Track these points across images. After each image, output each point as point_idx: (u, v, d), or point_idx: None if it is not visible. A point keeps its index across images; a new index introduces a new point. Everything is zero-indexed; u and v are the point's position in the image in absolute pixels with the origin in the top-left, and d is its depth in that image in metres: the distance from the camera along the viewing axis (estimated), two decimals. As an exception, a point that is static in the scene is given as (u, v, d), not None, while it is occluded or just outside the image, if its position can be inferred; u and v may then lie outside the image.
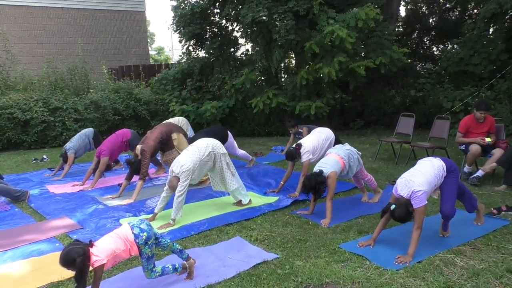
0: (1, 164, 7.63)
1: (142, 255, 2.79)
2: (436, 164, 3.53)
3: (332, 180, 4.17)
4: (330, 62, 8.24)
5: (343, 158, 4.41)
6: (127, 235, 2.73)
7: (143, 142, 5.36)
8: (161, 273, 2.91)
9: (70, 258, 2.48)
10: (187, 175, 4.19)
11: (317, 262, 3.27)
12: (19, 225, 4.45)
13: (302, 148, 5.08)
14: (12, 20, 12.83)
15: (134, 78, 12.19)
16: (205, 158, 4.42)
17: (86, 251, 2.54)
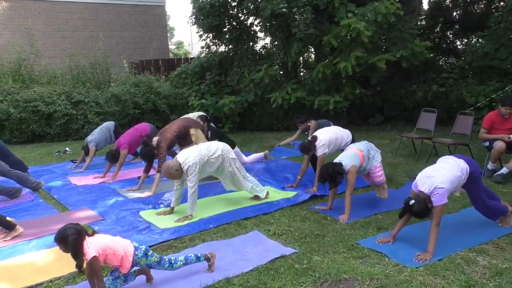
0: (26, 156, 7.82)
1: (152, 266, 2.85)
2: (461, 165, 3.44)
3: (352, 175, 4.13)
4: (347, 56, 8.14)
5: (363, 151, 4.36)
6: (126, 245, 2.77)
7: (160, 134, 5.39)
8: (185, 262, 2.96)
9: (63, 235, 2.58)
10: (193, 170, 4.15)
11: (335, 258, 3.25)
12: (42, 215, 4.58)
13: (318, 140, 5.01)
14: (37, 15, 13.10)
15: (154, 72, 12.30)
16: (212, 158, 4.38)
17: (80, 233, 2.60)
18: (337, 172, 4.08)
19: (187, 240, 3.73)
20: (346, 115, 9.60)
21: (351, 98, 8.92)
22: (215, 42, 10.60)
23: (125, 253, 2.73)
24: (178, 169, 4.17)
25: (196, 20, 10.18)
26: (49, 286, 3.00)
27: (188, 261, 2.99)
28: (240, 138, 9.02)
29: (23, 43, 10.92)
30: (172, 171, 4.15)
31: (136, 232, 3.93)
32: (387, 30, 8.56)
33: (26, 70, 10.32)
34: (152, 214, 4.44)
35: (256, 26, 10.24)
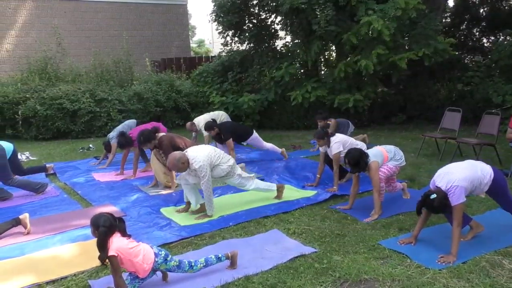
0: (51, 152, 8.03)
1: (171, 270, 2.90)
2: (485, 168, 3.36)
3: (374, 172, 4.04)
4: (369, 54, 8.03)
5: (388, 152, 4.29)
6: (147, 253, 2.81)
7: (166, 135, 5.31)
8: (205, 264, 2.99)
9: (97, 222, 2.69)
10: (205, 171, 4.08)
11: (356, 258, 3.22)
12: (67, 210, 4.68)
13: (334, 136, 5.01)
14: (63, 14, 13.39)
15: (176, 70, 12.42)
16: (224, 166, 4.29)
17: (111, 228, 2.70)
18: (362, 159, 3.99)
19: (207, 238, 3.76)
20: (367, 114, 9.49)
21: (372, 96, 8.81)
22: (235, 40, 10.63)
23: (143, 260, 2.77)
24: (184, 162, 4.05)
25: (217, 18, 10.23)
26: (73, 279, 3.07)
27: (208, 263, 3.01)
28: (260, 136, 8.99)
29: (49, 42, 11.19)
30: (179, 163, 4.04)
31: (157, 229, 3.98)
32: (410, 27, 8.41)
33: (52, 69, 10.58)
34: (172, 211, 4.49)
35: (277, 24, 10.21)
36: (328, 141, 4.99)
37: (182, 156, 4.09)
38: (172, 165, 4.07)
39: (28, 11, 12.96)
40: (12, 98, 9.24)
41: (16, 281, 3.04)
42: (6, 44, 12.61)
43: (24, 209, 4.74)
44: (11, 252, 3.56)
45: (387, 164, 4.24)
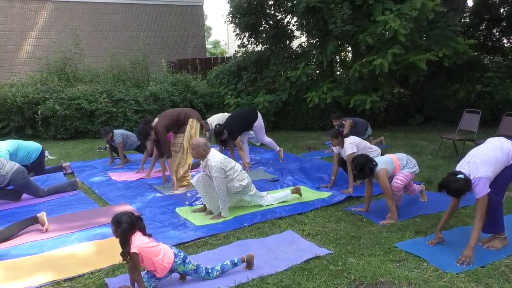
0: (69, 152, 8.16)
1: (188, 273, 2.93)
2: (505, 147, 3.26)
3: (383, 179, 3.99)
4: (384, 54, 7.94)
5: (400, 160, 4.21)
6: (167, 253, 2.86)
7: (159, 116, 5.40)
8: (221, 271, 3.00)
9: (119, 220, 2.74)
10: (219, 173, 4.10)
11: (371, 260, 3.19)
12: (84, 209, 4.75)
13: (349, 138, 5.00)
14: (81, 16, 13.61)
15: (191, 71, 12.50)
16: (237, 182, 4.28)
17: (133, 225, 2.75)
18: (367, 165, 3.97)
19: (222, 238, 3.77)
20: (384, 115, 9.39)
21: (388, 97, 8.71)
22: (251, 41, 10.65)
23: (162, 260, 2.81)
24: (206, 152, 4.17)
25: (233, 19, 10.26)
26: (90, 277, 3.11)
27: (224, 270, 3.03)
28: (275, 137, 8.97)
29: (68, 43, 11.38)
30: (201, 148, 4.14)
31: (172, 228, 4.01)
32: (428, 28, 8.30)
33: (70, 69, 10.76)
34: (187, 211, 4.52)
35: (293, 25, 10.20)
36: (342, 142, 4.97)
37: (208, 146, 4.22)
38: (196, 145, 4.18)
39: (48, 13, 13.20)
40: (32, 98, 9.44)
41: (35, 278, 3.10)
42: (26, 45, 12.87)
43: (42, 208, 4.83)
44: (31, 250, 3.63)
45: (402, 172, 4.15)
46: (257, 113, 6.64)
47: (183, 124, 5.40)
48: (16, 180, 4.90)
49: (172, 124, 5.36)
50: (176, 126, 5.42)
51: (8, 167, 4.88)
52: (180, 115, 5.39)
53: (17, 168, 4.94)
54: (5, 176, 4.81)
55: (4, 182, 4.84)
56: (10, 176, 4.85)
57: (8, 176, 4.83)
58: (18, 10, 12.68)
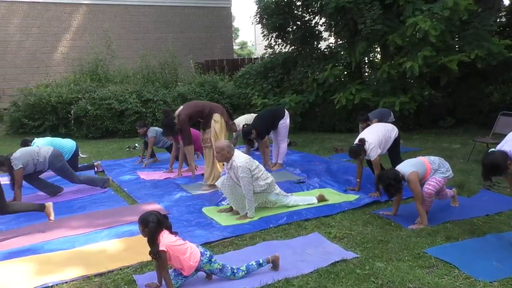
0: (100, 150, 8.38)
1: (214, 272, 2.95)
2: None
3: (414, 184, 3.87)
4: (415, 56, 7.76)
5: (431, 163, 4.05)
6: (194, 251, 2.90)
7: (184, 106, 5.46)
8: (247, 271, 3.01)
9: (146, 219, 2.78)
10: (245, 173, 4.11)
11: (399, 266, 3.13)
12: (114, 206, 4.87)
13: (367, 143, 4.81)
14: (113, 18, 13.95)
15: (218, 72, 12.60)
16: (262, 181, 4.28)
17: (160, 224, 2.79)
18: (392, 183, 3.86)
19: (248, 238, 3.78)
20: (414, 117, 9.18)
21: (419, 99, 8.52)
22: (278, 41, 10.64)
23: (189, 258, 2.85)
24: (230, 153, 4.18)
25: (260, 20, 10.28)
26: (119, 273, 3.18)
27: (250, 270, 3.03)
28: (302, 138, 8.97)
29: (100, 44, 11.70)
30: (225, 151, 4.15)
31: (199, 228, 4.05)
32: (461, 28, 8.06)
33: (102, 70, 11.08)
34: (214, 210, 4.55)
35: (321, 26, 10.13)
36: (364, 152, 4.85)
37: (232, 148, 4.23)
38: (221, 148, 4.20)
39: (81, 15, 13.61)
40: (65, 98, 9.75)
41: (68, 272, 3.20)
42: (61, 47, 13.31)
43: (74, 204, 4.99)
44: (63, 245, 3.75)
45: (434, 177, 3.99)
46: (284, 111, 6.55)
47: (208, 118, 5.40)
48: (54, 163, 5.13)
49: (195, 114, 5.40)
50: (199, 118, 5.45)
51: (44, 152, 5.11)
52: (204, 108, 5.43)
53: (53, 151, 5.18)
54: (43, 161, 5.04)
55: (45, 166, 5.11)
56: (48, 160, 5.08)
57: (46, 160, 5.06)
58: (53, 13, 13.13)
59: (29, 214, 4.66)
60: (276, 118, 6.39)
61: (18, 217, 4.55)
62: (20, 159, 4.91)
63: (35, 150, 5.15)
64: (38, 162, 5.04)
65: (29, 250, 3.64)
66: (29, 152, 5.06)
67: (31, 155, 5.02)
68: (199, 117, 5.44)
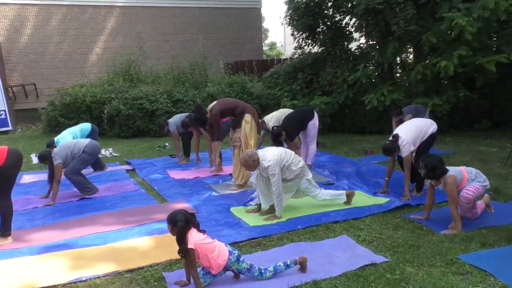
0: (131, 149, 8.58)
1: (242, 272, 2.96)
2: None
3: (451, 186, 3.77)
4: (450, 56, 7.53)
5: (468, 173, 3.91)
6: (222, 249, 2.92)
7: (218, 102, 5.52)
8: (274, 272, 3.01)
9: (174, 219, 2.83)
10: (274, 169, 4.11)
11: (431, 271, 3.04)
12: (144, 204, 4.97)
13: (400, 139, 4.68)
14: (145, 20, 14.25)
15: (248, 72, 12.65)
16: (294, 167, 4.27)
17: (188, 222, 2.83)
18: (438, 166, 3.75)
19: (276, 239, 3.77)
20: (447, 119, 8.92)
21: (453, 101, 8.27)
22: (308, 42, 10.57)
23: (218, 256, 2.87)
24: (255, 160, 4.16)
25: (290, 21, 10.25)
26: (149, 270, 3.24)
27: (277, 271, 3.02)
28: (331, 139, 8.89)
29: (133, 46, 11.98)
30: (250, 160, 4.16)
31: (227, 227, 4.07)
32: (499, 27, 7.76)
33: (134, 71, 11.34)
34: (242, 210, 4.57)
35: (352, 26, 10.00)
36: (398, 148, 4.74)
37: (253, 154, 4.20)
38: (244, 161, 4.21)
39: (115, 17, 13.97)
40: (99, 98, 10.04)
41: (100, 267, 3.29)
42: (96, 48, 13.71)
43: (106, 201, 5.13)
44: (96, 241, 3.86)
45: (472, 184, 3.85)
46: (313, 112, 6.51)
47: (239, 116, 5.45)
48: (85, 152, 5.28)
49: (227, 111, 5.47)
50: (231, 115, 5.50)
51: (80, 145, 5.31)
52: (237, 106, 5.50)
53: (89, 143, 5.40)
54: (77, 152, 5.24)
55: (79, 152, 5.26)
56: (83, 150, 5.26)
57: (80, 151, 5.25)
58: (89, 16, 13.54)
59: (63, 210, 4.85)
60: (305, 119, 6.37)
61: (53, 213, 4.73)
62: (60, 154, 5.12)
63: (72, 143, 5.38)
64: (73, 154, 5.23)
65: (64, 245, 3.77)
66: (68, 145, 5.29)
67: (69, 148, 5.24)
68: (231, 114, 5.50)
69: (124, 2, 13.97)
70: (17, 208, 4.30)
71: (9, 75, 12.38)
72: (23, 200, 5.24)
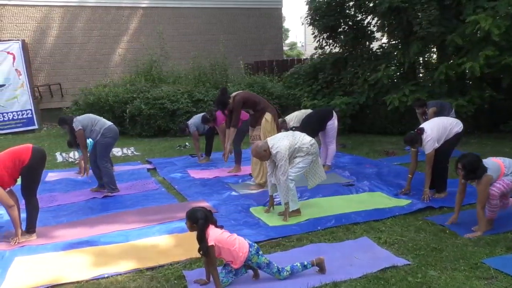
0: (152, 149, 8.69)
1: (261, 266, 2.96)
2: None
3: (485, 185, 3.66)
4: (475, 56, 7.34)
5: (506, 167, 3.75)
6: (242, 242, 2.94)
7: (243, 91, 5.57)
8: (291, 272, 3.00)
9: (194, 216, 2.85)
10: (282, 155, 4.12)
11: (455, 275, 2.98)
12: (164, 203, 5.03)
13: (425, 134, 4.59)
14: (167, 21, 14.40)
15: (268, 72, 12.64)
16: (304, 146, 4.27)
17: (207, 220, 2.86)
18: (481, 165, 3.62)
19: (295, 240, 3.76)
20: (472, 120, 8.71)
21: (478, 102, 8.07)
22: (329, 42, 10.50)
23: (239, 249, 2.89)
24: (266, 149, 4.17)
25: (311, 21, 10.20)
26: (169, 268, 3.28)
27: (294, 271, 3.02)
28: (351, 140, 8.80)
29: (154, 46, 12.13)
30: (261, 151, 4.18)
31: (247, 227, 4.08)
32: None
33: (156, 71, 11.47)
34: (261, 210, 4.57)
35: (373, 26, 9.88)
36: (420, 141, 4.63)
37: (263, 144, 4.23)
38: (256, 153, 4.27)
39: (138, 18, 14.17)
40: (121, 98, 10.20)
41: (122, 264, 3.35)
42: (119, 49, 13.93)
43: (128, 199, 5.21)
44: (117, 238, 3.93)
45: (502, 179, 3.72)
46: (332, 112, 6.47)
47: (260, 113, 5.42)
48: (104, 135, 5.29)
49: (249, 102, 5.43)
50: (252, 108, 5.47)
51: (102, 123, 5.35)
52: (260, 101, 5.49)
53: (110, 126, 5.40)
54: (98, 130, 5.27)
55: (96, 136, 5.29)
56: (102, 132, 5.28)
57: (100, 131, 5.28)
58: (113, 17, 13.77)
59: (86, 208, 4.95)
60: (324, 119, 6.33)
61: (77, 211, 4.83)
62: (81, 121, 5.23)
63: (96, 118, 5.44)
64: (93, 130, 5.27)
65: (87, 242, 3.85)
66: (91, 118, 5.38)
67: (91, 121, 5.32)
68: (252, 107, 5.47)
69: (147, 3, 14.16)
70: (42, 205, 4.41)
71: (35, 75, 12.70)
72: (48, 197, 5.36)
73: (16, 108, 11.60)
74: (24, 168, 3.86)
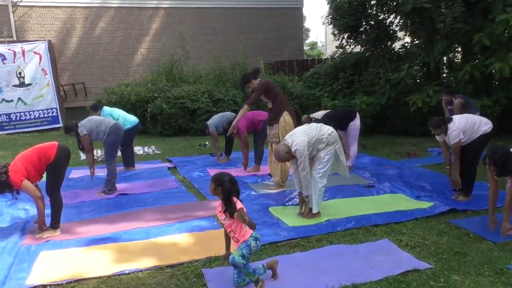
0: (173, 147, 8.78)
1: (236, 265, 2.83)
2: None
3: None
4: (504, 57, 7.14)
5: None
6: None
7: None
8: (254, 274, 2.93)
9: (220, 179, 2.91)
10: (301, 153, 4.08)
11: (479, 280, 2.91)
12: (184, 201, 5.07)
13: (452, 123, 4.47)
14: (188, 21, 14.53)
15: (288, 72, 12.61)
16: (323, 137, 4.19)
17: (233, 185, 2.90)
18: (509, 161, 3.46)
19: (314, 241, 3.73)
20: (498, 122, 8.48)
21: (504, 102, 7.86)
22: (350, 42, 10.40)
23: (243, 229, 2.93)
24: (288, 151, 4.14)
25: (332, 20, 10.12)
26: (189, 266, 3.30)
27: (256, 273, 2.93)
28: (372, 141, 8.70)
29: (176, 46, 12.25)
30: (283, 155, 4.16)
31: (266, 227, 4.07)
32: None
33: (177, 71, 11.60)
34: (281, 210, 4.57)
35: (396, 25, 9.74)
36: (445, 129, 4.52)
37: (283, 147, 4.19)
38: (278, 158, 4.28)
39: (160, 18, 14.34)
40: (143, 97, 10.34)
41: (142, 261, 3.40)
42: (141, 49, 14.13)
43: (148, 198, 5.27)
44: (138, 235, 3.98)
45: None
46: (355, 112, 6.40)
47: (278, 110, 5.35)
48: (110, 135, 5.36)
49: (271, 92, 5.36)
50: (271, 100, 5.38)
51: (106, 123, 5.41)
52: (279, 95, 5.42)
53: (114, 124, 5.47)
54: (104, 129, 5.34)
55: (103, 137, 5.36)
56: (108, 131, 5.35)
57: (106, 131, 5.35)
58: (136, 17, 13.97)
59: (109, 205, 5.03)
60: (345, 119, 6.26)
61: (100, 208, 4.92)
62: (86, 126, 5.29)
63: (100, 119, 5.52)
64: (99, 131, 5.35)
65: (109, 238, 3.92)
66: (95, 120, 5.44)
67: (95, 123, 5.38)
68: (273, 99, 5.39)
69: (169, 4, 14.31)
70: (66, 202, 4.51)
71: (60, 75, 13.00)
72: (72, 194, 5.48)
73: (42, 107, 11.90)
74: (49, 165, 3.96)
